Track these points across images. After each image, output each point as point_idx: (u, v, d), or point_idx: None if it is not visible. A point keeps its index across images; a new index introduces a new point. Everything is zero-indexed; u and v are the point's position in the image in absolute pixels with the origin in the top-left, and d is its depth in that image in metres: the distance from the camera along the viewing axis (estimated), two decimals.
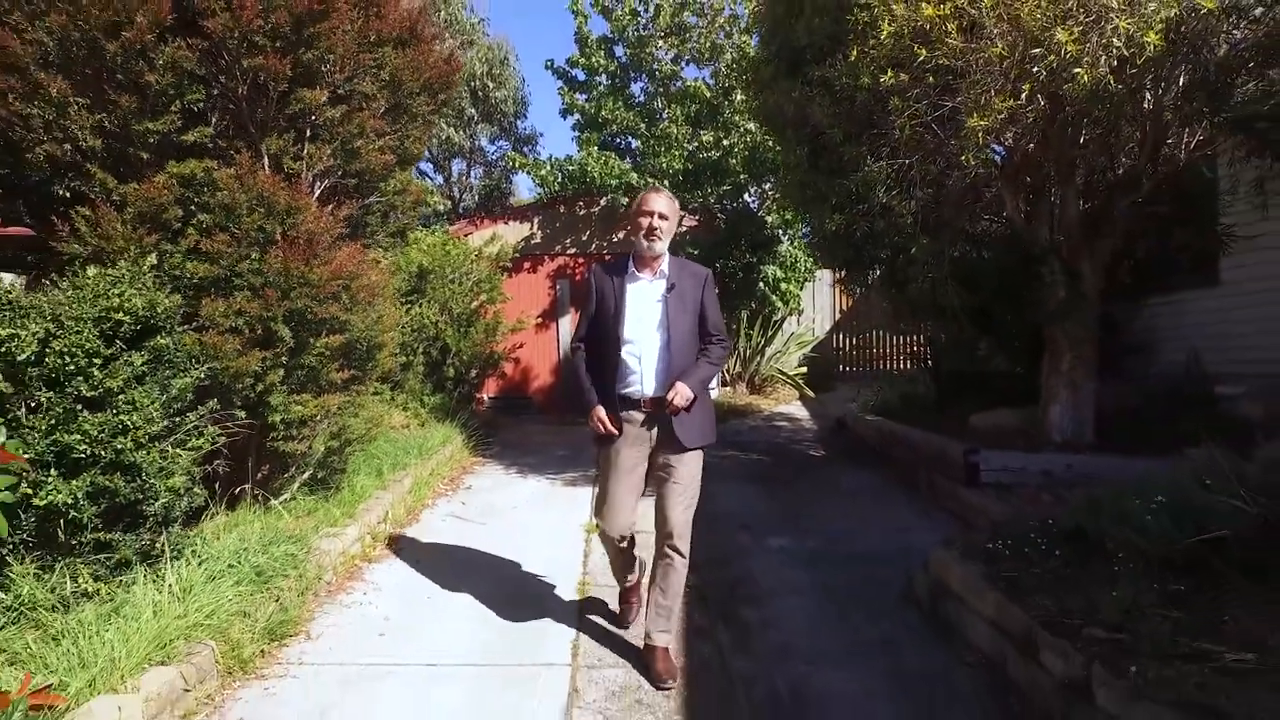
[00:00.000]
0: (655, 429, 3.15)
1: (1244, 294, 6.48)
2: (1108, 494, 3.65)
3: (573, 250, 11.62)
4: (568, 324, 11.49)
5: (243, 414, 3.86)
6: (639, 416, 3.13)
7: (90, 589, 2.96)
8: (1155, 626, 2.68)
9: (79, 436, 2.74)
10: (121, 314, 2.93)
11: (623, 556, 3.43)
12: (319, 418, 4.44)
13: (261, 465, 4.35)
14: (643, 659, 3.21)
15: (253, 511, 4.27)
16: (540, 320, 11.40)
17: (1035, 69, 4.28)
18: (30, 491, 2.70)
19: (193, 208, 3.52)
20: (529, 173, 11.75)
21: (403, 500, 5.53)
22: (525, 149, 17.45)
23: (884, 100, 4.89)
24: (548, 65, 12.63)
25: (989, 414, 6.68)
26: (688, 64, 12.07)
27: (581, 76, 12.55)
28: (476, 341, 9.27)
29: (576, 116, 12.24)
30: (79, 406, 2.77)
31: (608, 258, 11.10)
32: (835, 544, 4.78)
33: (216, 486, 3.89)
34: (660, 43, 11.61)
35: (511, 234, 11.27)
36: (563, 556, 4.63)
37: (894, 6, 4.56)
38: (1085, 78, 4.08)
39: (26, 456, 2.61)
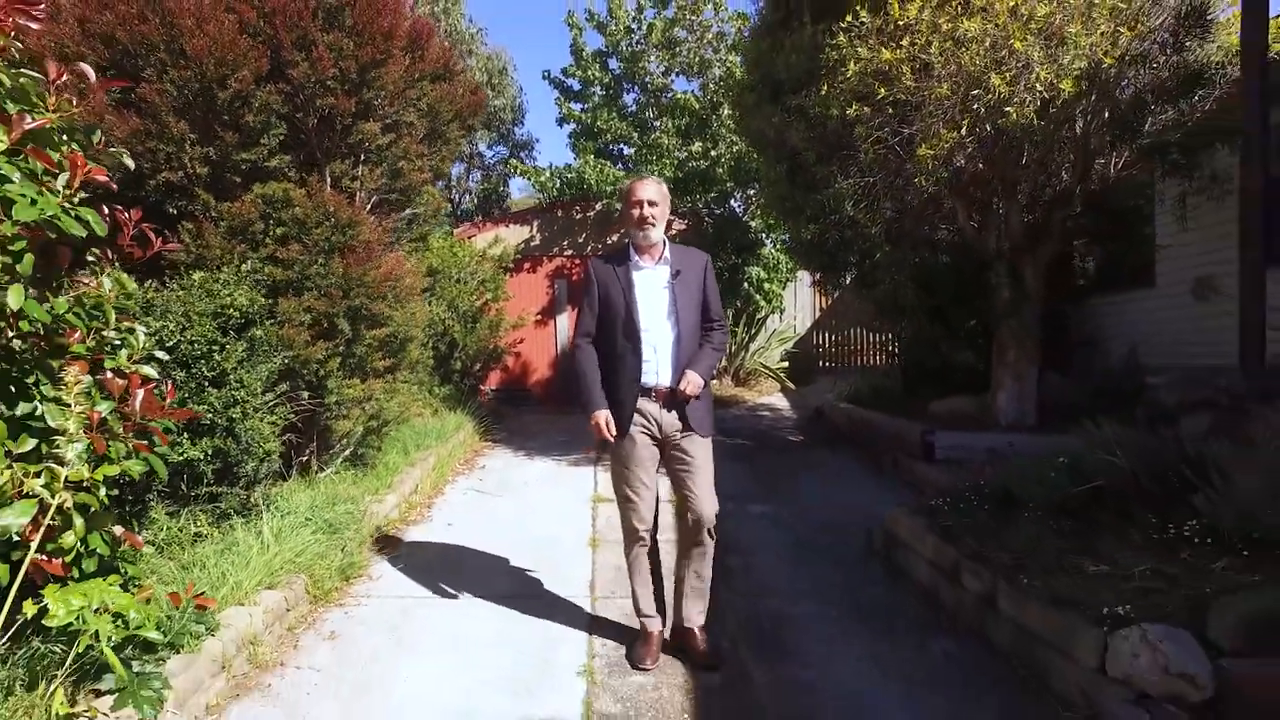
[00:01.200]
0: (665, 420, 3.14)
1: (1169, 295, 7.32)
2: (1030, 462, 4.45)
3: (570, 252, 12.37)
4: (565, 321, 12.23)
5: (306, 395, 4.59)
6: (652, 406, 3.13)
7: (205, 532, 3.69)
8: (1046, 554, 3.47)
9: (205, 407, 3.47)
10: (232, 310, 3.66)
11: (644, 560, 3.30)
12: (364, 399, 5.17)
13: (315, 441, 5.06)
14: (682, 641, 3.26)
15: (306, 481, 5.00)
16: (539, 318, 12.15)
17: (975, 106, 5.08)
18: (167, 450, 3.42)
19: (271, 222, 4.24)
20: (530, 179, 12.49)
21: (428, 476, 6.26)
22: (522, 154, 18.22)
23: (851, 127, 5.67)
24: (545, 76, 13.39)
25: (947, 401, 7.48)
26: (677, 75, 12.85)
27: (576, 86, 13.28)
28: (481, 337, 9.98)
29: (573, 125, 12.97)
30: (205, 384, 3.49)
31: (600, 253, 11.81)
32: (808, 510, 5.56)
33: (292, 455, 4.61)
34: (652, 57, 12.36)
35: (513, 236, 12.00)
36: (573, 520, 5.38)
37: (859, 50, 5.35)
38: (1015, 115, 4.89)
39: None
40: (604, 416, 3.12)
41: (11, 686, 2.27)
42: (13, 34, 2.23)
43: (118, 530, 2.72)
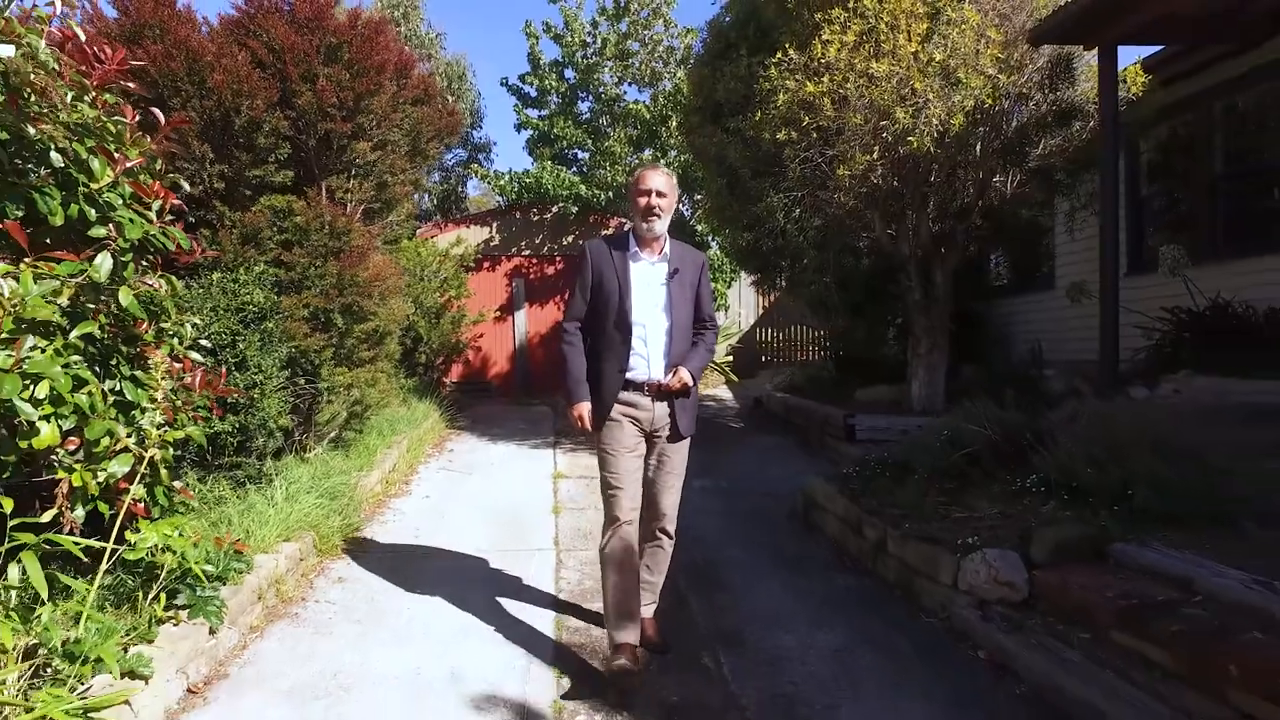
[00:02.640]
0: (655, 414, 3.08)
1: (1060, 298, 8.34)
2: (923, 436, 5.32)
3: (528, 252, 13.03)
4: (523, 317, 12.89)
5: (303, 381, 5.22)
6: (643, 400, 3.06)
7: (225, 496, 4.31)
8: (927, 507, 4.32)
9: (231, 387, 4.09)
10: (250, 306, 4.29)
11: (627, 562, 3.02)
12: (351, 386, 5.80)
13: (309, 423, 5.68)
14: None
15: (300, 459, 5.62)
16: (499, 314, 12.78)
17: (885, 134, 5.94)
18: (216, 422, 4.04)
19: (276, 229, 4.86)
20: (490, 184, 13.10)
21: (403, 458, 6.91)
22: (480, 156, 18.77)
23: (782, 149, 6.48)
24: (503, 82, 14.03)
25: (870, 389, 8.39)
26: (630, 85, 13.61)
27: (533, 93, 13.93)
28: (444, 332, 10.58)
29: (530, 132, 13.63)
30: (230, 368, 4.12)
31: (600, 238, 12.48)
32: (743, 482, 6.37)
33: (295, 434, 5.23)
34: (606, 68, 13.09)
35: (473, 237, 12.61)
36: (537, 492, 6.11)
37: (787, 82, 6.16)
38: (916, 143, 5.76)
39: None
40: (585, 408, 3.06)
41: (119, 601, 2.91)
42: (112, 88, 2.87)
43: (177, 485, 3.37)
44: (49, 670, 2.37)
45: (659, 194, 3.05)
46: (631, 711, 2.76)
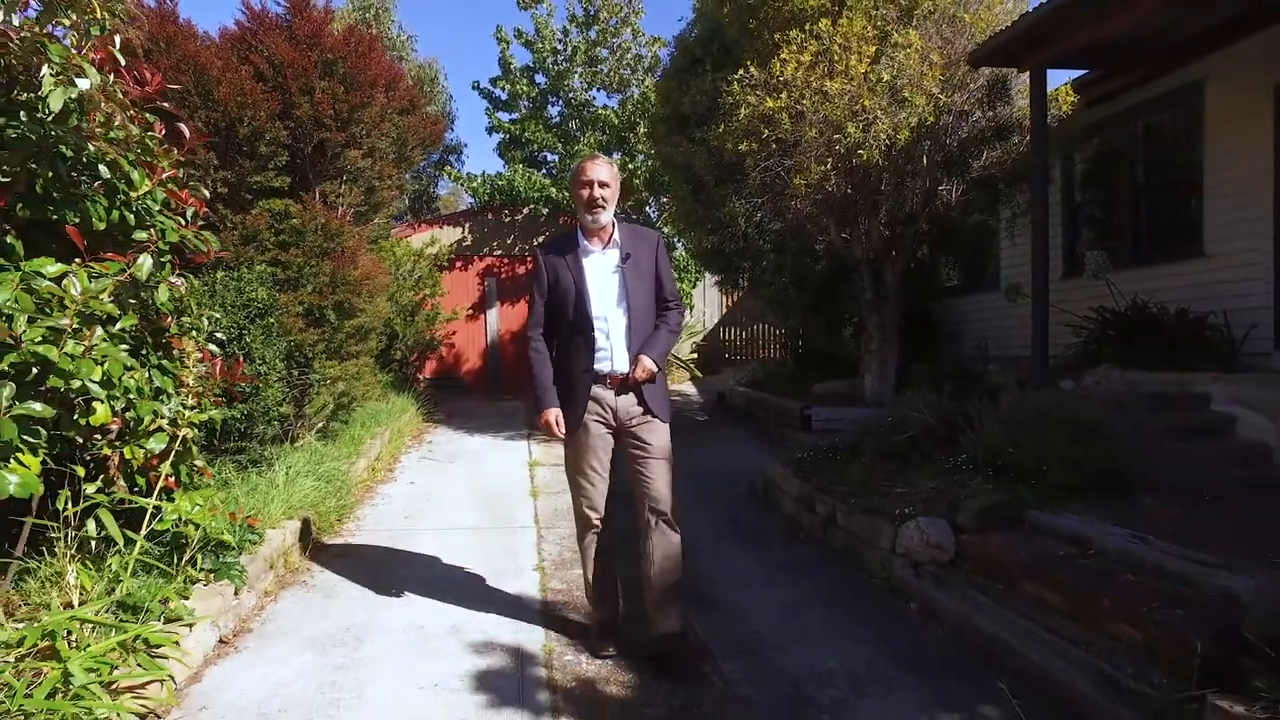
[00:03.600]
0: (620, 406, 3.06)
1: (1004, 299, 8.95)
2: (870, 423, 5.85)
3: (499, 252, 13.39)
4: (495, 315, 13.25)
5: (296, 373, 5.57)
6: (607, 394, 3.04)
7: (231, 478, 4.66)
8: (871, 484, 4.83)
9: (225, 378, 4.45)
10: (254, 302, 4.64)
11: (603, 550, 3.18)
12: (339, 379, 6.16)
13: (300, 413, 6.02)
14: (662, 647, 3.07)
15: (293, 448, 5.95)
16: (471, 312, 13.13)
17: (837, 147, 6.45)
18: (231, 408, 4.39)
19: (274, 231, 5.20)
20: (463, 185, 13.43)
21: (387, 447, 7.26)
22: (451, 158, 19.06)
23: (743, 159, 6.96)
24: (474, 86, 14.41)
25: (827, 383, 8.93)
26: (598, 90, 14.04)
27: (504, 96, 14.28)
28: (419, 329, 10.91)
29: (501, 135, 13.98)
30: (238, 359, 4.47)
31: (547, 241, 12.85)
32: (707, 469, 6.84)
33: (292, 422, 5.57)
34: (576, 74, 13.50)
35: (446, 237, 12.93)
36: (515, 478, 6.52)
37: (749, 97, 6.64)
38: (866, 156, 6.28)
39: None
40: (554, 415, 3.02)
41: (150, 567, 3.28)
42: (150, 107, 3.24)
43: (198, 464, 3.73)
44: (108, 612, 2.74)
45: (601, 184, 3.00)
46: (611, 654, 3.18)
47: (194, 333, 3.75)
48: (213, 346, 3.82)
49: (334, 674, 3.00)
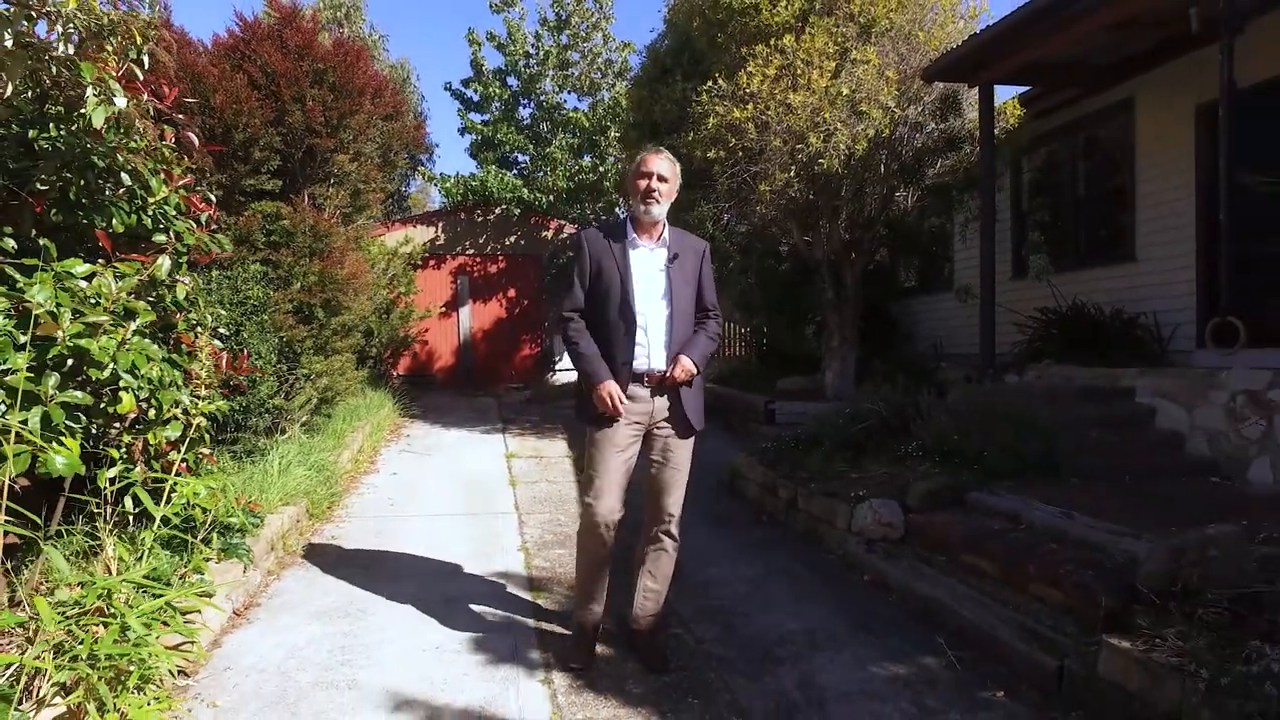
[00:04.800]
0: (655, 407, 2.98)
1: (956, 299, 9.46)
2: (829, 415, 6.25)
3: (472, 251, 13.62)
4: (467, 313, 13.48)
5: (285, 368, 5.80)
6: (642, 392, 2.95)
7: (227, 467, 4.90)
8: (830, 471, 5.23)
9: (230, 371, 4.69)
10: (251, 300, 4.89)
11: (600, 557, 3.06)
12: (325, 374, 6.39)
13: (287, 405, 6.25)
14: (633, 642, 3.17)
15: (282, 439, 6.18)
16: (444, 310, 13.34)
17: (800, 156, 6.86)
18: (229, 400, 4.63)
19: (264, 232, 5.43)
20: (437, 185, 13.64)
21: (368, 440, 7.50)
22: (423, 158, 19.19)
23: (711, 165, 7.33)
24: (446, 87, 14.59)
25: (789, 379, 9.36)
26: (569, 93, 14.34)
27: (476, 98, 14.51)
28: (394, 326, 11.09)
29: (474, 136, 14.21)
30: (236, 354, 4.72)
31: (595, 225, 13.09)
32: None
33: (281, 415, 5.80)
34: (548, 78, 13.79)
35: (420, 236, 13.12)
36: (494, 469, 6.81)
37: (717, 108, 7.02)
38: (827, 164, 6.69)
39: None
40: (613, 387, 2.88)
41: (174, 538, 3.53)
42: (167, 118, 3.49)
43: (205, 451, 3.98)
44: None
45: (660, 178, 2.93)
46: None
47: (199, 328, 4.01)
48: (216, 341, 4.06)
49: (343, 639, 3.29)
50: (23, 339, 2.57)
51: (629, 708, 2.74)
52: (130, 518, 3.19)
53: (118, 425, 3.37)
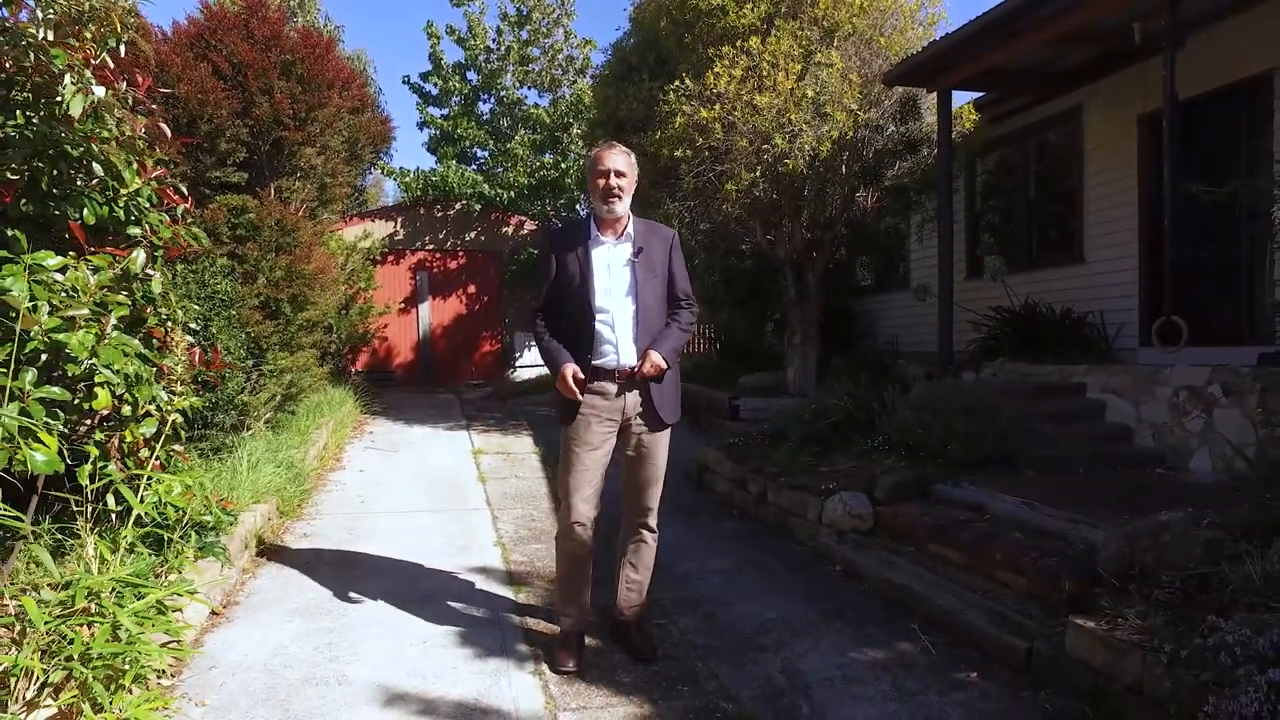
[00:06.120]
0: (627, 403, 2.99)
1: (913, 297, 9.71)
2: (794, 411, 6.39)
3: (431, 247, 13.50)
4: (427, 309, 13.36)
5: (251, 363, 5.71)
6: (611, 389, 2.95)
7: (195, 464, 4.82)
8: (797, 465, 5.36)
9: (202, 366, 4.62)
10: (219, 294, 4.81)
11: (580, 557, 3.07)
12: (290, 370, 6.31)
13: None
14: (616, 634, 3.24)
15: (247, 436, 6.08)
16: (403, 306, 13.21)
17: (766, 156, 6.98)
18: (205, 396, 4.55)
19: (230, 225, 5.34)
20: (396, 180, 13.47)
21: (332, 437, 7.41)
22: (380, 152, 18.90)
23: (678, 164, 7.41)
24: (405, 80, 14.40)
25: (752, 376, 9.49)
26: (530, 89, 14.29)
27: (435, 91, 14.36)
28: (353, 322, 10.94)
29: (432, 130, 14.06)
30: (205, 349, 4.64)
31: (559, 225, 13.01)
32: None
33: (248, 411, 5.71)
34: (509, 73, 13.71)
35: (379, 231, 12.96)
36: (461, 465, 6.80)
37: (684, 107, 7.10)
38: (792, 165, 6.82)
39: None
40: (571, 369, 2.91)
41: (151, 534, 3.48)
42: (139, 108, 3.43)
43: (177, 448, 3.92)
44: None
45: (618, 174, 2.90)
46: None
47: (170, 323, 3.94)
48: (189, 337, 4.00)
49: (327, 636, 3.29)
50: None
51: (621, 696, 2.80)
52: (108, 515, 3.14)
53: (88, 422, 3.31)
